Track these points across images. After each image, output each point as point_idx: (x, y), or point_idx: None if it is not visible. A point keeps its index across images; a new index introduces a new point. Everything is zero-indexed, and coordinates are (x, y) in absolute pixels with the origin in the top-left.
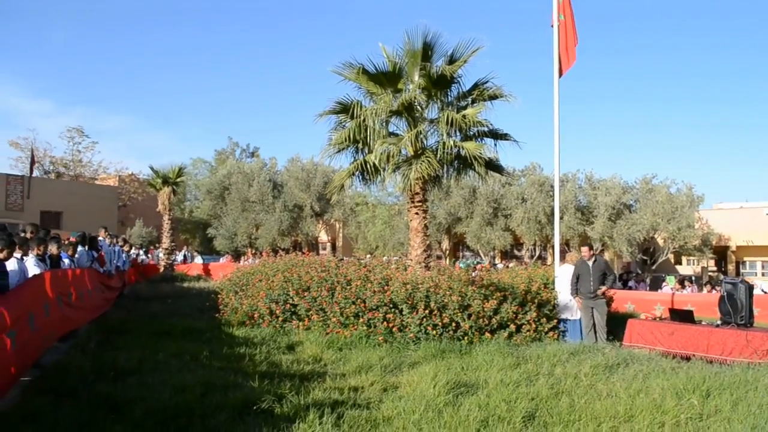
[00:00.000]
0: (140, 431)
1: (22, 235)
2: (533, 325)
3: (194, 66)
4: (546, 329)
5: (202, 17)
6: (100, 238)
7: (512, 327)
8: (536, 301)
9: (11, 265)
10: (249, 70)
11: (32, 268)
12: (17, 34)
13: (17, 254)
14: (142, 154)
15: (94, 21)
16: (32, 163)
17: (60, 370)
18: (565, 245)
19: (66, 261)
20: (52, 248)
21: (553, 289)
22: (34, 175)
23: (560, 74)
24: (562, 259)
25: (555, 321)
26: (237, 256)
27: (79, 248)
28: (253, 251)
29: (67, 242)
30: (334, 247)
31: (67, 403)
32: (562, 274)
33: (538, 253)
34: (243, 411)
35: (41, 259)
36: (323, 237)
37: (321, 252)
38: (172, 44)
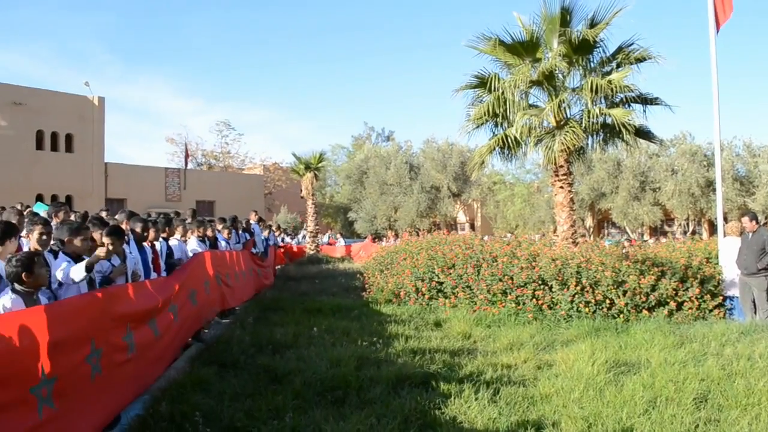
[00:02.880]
0: (300, 401)
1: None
2: (696, 303)
3: (329, 56)
4: (710, 307)
5: (332, 9)
6: (251, 221)
7: (672, 304)
8: (698, 276)
9: (174, 244)
10: (381, 55)
11: (194, 246)
12: (169, 40)
13: (178, 235)
14: (284, 144)
15: (235, 21)
16: (186, 156)
17: (222, 344)
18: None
19: (222, 243)
20: (208, 231)
21: (717, 263)
22: (188, 167)
23: (717, 28)
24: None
25: (720, 298)
26: (377, 238)
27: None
28: (393, 233)
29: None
30: (472, 227)
31: (231, 374)
32: (726, 248)
33: (691, 228)
34: (397, 385)
35: (202, 240)
36: (461, 217)
37: (460, 232)
38: (307, 38)
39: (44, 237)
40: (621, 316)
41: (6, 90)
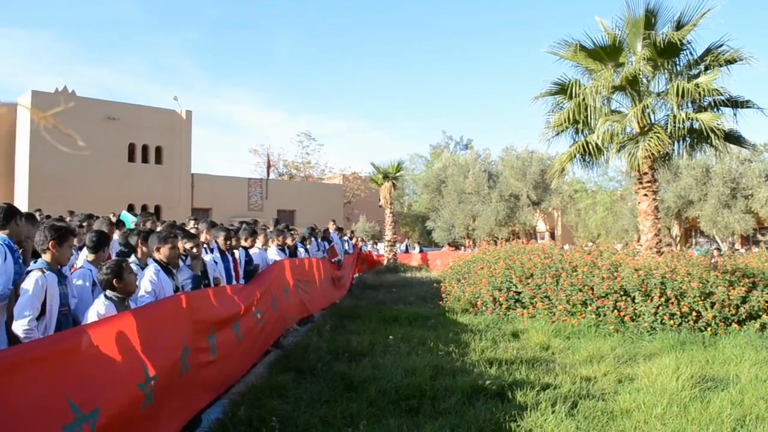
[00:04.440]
0: (375, 409)
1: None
2: None
3: (407, 66)
4: None
5: (411, 19)
6: (330, 230)
7: (765, 317)
8: None
9: (254, 253)
10: (460, 63)
11: (274, 255)
12: (251, 55)
13: (259, 244)
14: (363, 154)
15: (314, 34)
16: (268, 167)
17: (300, 351)
18: None
19: (301, 251)
20: (288, 240)
21: None
22: (270, 177)
23: None
24: None
25: None
26: (456, 247)
27: (312, 240)
28: (471, 242)
29: (299, 235)
30: (552, 236)
31: (308, 380)
32: None
33: None
34: (472, 395)
35: (281, 249)
36: (541, 226)
37: (539, 241)
38: (385, 48)
39: (173, 251)
40: (708, 329)
41: (101, 105)
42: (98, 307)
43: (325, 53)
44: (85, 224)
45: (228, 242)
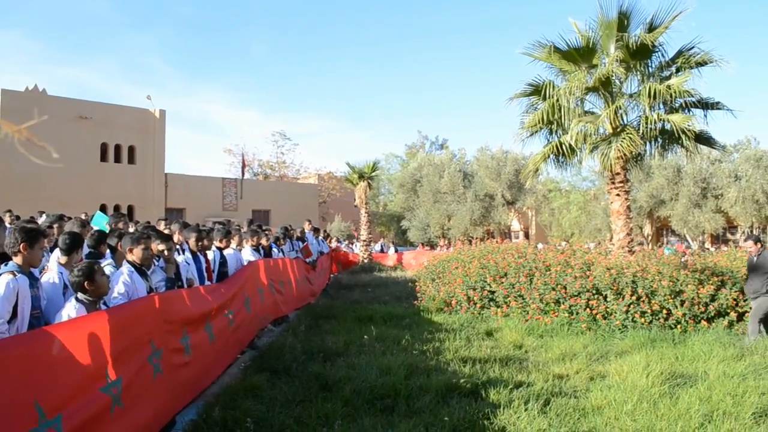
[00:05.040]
0: (350, 409)
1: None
2: None
3: (382, 66)
4: None
5: (386, 19)
6: (305, 230)
7: (733, 315)
8: None
9: (229, 254)
10: (435, 63)
11: (248, 256)
12: (226, 54)
13: (233, 244)
14: (338, 153)
15: (289, 33)
16: (243, 167)
17: (275, 351)
18: None
19: (276, 251)
20: (263, 240)
21: None
22: (245, 177)
23: None
24: None
25: None
26: (431, 246)
27: (286, 240)
28: (446, 242)
29: (273, 235)
30: (527, 236)
31: (283, 381)
32: None
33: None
34: (446, 394)
35: (256, 249)
36: (515, 225)
37: (514, 240)
38: (360, 48)
39: (147, 252)
40: (678, 326)
41: (73, 105)
42: (69, 311)
43: (300, 53)
44: (56, 225)
45: (199, 243)
